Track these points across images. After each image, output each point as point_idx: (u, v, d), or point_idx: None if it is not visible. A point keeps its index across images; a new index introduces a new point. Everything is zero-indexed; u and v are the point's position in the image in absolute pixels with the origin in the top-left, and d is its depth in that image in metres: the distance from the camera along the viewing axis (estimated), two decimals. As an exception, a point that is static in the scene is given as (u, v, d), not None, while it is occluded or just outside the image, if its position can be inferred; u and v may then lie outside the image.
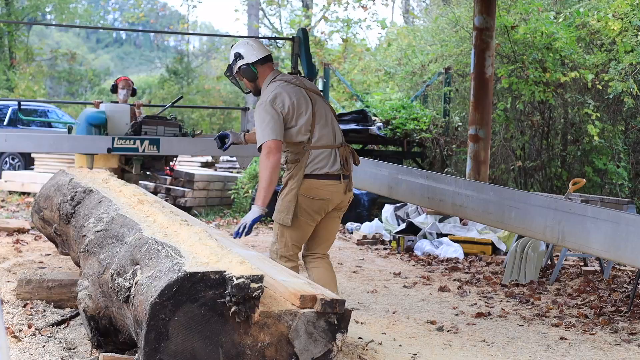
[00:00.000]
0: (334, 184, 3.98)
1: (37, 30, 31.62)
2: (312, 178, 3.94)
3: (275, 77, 4.05)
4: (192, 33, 29.08)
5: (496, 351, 4.16)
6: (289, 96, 3.92)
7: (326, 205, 4.01)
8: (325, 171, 3.96)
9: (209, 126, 20.70)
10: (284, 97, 3.91)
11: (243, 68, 4.06)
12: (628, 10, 8.90)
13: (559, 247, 6.32)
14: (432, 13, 17.01)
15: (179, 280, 2.48)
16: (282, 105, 3.90)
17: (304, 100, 3.97)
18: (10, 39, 21.35)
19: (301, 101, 3.95)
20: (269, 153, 3.82)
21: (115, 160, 6.54)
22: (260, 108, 3.90)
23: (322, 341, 2.75)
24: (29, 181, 10.62)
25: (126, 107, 6.48)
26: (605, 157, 9.49)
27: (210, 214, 9.82)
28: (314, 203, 3.97)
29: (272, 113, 3.85)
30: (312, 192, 3.95)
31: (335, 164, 3.99)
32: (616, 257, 3.72)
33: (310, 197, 3.95)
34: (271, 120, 3.84)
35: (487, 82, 7.94)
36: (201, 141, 6.52)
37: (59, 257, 5.93)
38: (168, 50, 33.76)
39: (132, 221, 3.41)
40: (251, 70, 4.06)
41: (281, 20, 22.12)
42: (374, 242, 7.94)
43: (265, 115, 3.86)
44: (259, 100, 3.96)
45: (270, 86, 4.00)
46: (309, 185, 3.94)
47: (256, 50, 4.08)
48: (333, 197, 4.01)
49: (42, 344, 3.71)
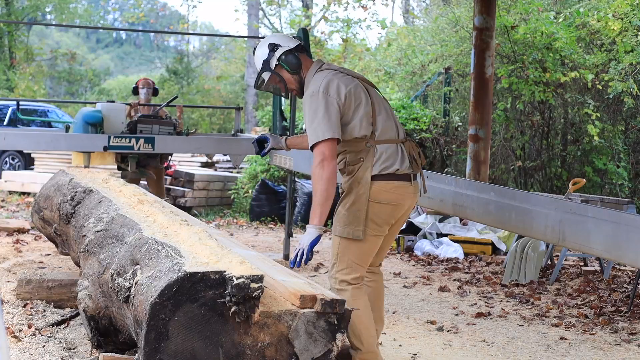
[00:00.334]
0: (404, 185, 3.33)
1: (37, 30, 31.63)
2: (381, 179, 3.28)
3: (321, 67, 3.40)
4: (192, 33, 29.09)
5: (496, 351, 4.16)
6: (344, 83, 3.28)
7: (396, 211, 3.35)
8: (396, 168, 3.30)
9: (209, 126, 20.72)
10: (339, 85, 3.26)
11: (286, 57, 3.39)
12: (628, 10, 8.90)
13: (559, 247, 6.32)
14: (432, 13, 17.02)
15: (179, 280, 2.48)
16: (337, 94, 3.24)
17: (360, 88, 3.33)
18: (10, 39, 21.35)
19: (358, 89, 3.32)
20: (324, 160, 3.16)
21: (111, 158, 6.61)
22: (310, 98, 3.25)
23: (322, 341, 2.75)
24: (29, 181, 10.62)
25: (122, 106, 6.54)
26: (605, 157, 9.50)
27: (210, 214, 9.82)
28: (383, 210, 3.30)
29: (326, 103, 3.21)
30: (382, 197, 3.28)
31: (404, 160, 3.35)
32: (616, 257, 3.72)
33: (379, 203, 3.28)
34: (326, 112, 3.19)
35: (487, 82, 7.94)
36: (196, 139, 6.60)
37: (59, 257, 5.93)
38: (168, 50, 33.76)
39: (132, 221, 3.41)
40: (295, 57, 3.39)
41: (281, 20, 22.13)
42: (374, 242, 7.93)
43: (317, 105, 3.21)
44: (306, 92, 3.32)
45: (318, 75, 3.34)
46: (378, 188, 3.27)
47: (289, 38, 3.49)
48: (404, 201, 3.35)
49: (42, 344, 3.71)
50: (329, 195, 3.15)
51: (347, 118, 3.27)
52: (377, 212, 3.27)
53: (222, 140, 7.07)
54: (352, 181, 3.28)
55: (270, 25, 22.21)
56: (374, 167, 3.26)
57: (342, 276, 3.28)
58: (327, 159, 3.16)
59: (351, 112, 3.27)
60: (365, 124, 3.28)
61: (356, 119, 3.27)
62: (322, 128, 3.17)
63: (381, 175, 3.27)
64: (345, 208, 3.28)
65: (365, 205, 3.24)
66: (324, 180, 3.14)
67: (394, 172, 3.29)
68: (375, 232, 3.31)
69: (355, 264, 3.29)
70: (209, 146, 7.01)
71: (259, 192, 9.43)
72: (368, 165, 3.26)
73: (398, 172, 3.30)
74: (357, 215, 3.25)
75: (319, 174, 3.15)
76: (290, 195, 6.66)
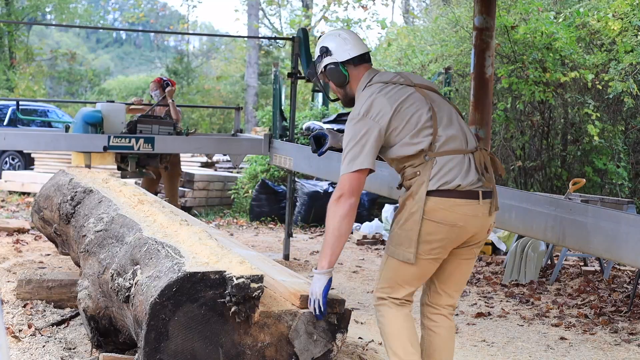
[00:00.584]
0: (469, 204, 2.87)
1: (37, 30, 31.62)
2: (439, 195, 2.85)
3: (370, 80, 3.04)
4: (192, 33, 29.09)
5: (496, 351, 4.16)
6: (390, 101, 2.91)
7: (457, 234, 2.88)
8: (457, 184, 2.86)
9: (209, 126, 20.73)
10: (383, 104, 2.90)
11: (330, 68, 3.07)
12: (628, 10, 8.90)
13: (559, 247, 6.32)
14: (432, 13, 17.01)
15: (179, 280, 2.48)
16: (380, 116, 2.89)
17: (413, 99, 2.96)
18: (10, 39, 21.35)
19: (410, 101, 2.94)
20: (342, 196, 2.82)
21: (111, 158, 6.62)
22: (349, 122, 2.92)
23: (322, 341, 2.75)
24: (29, 181, 10.62)
25: (121, 106, 6.56)
26: (605, 157, 9.49)
27: (210, 214, 9.81)
28: (439, 230, 2.86)
29: (364, 129, 2.86)
30: (438, 215, 2.84)
31: (470, 174, 2.90)
32: (617, 257, 3.71)
33: (435, 222, 2.85)
34: (361, 139, 2.86)
35: (487, 82, 7.93)
36: (196, 139, 6.61)
37: (59, 257, 5.93)
38: (168, 50, 33.75)
39: (132, 221, 3.41)
40: (340, 72, 3.06)
41: (281, 20, 22.14)
42: (374, 242, 7.93)
43: (355, 132, 2.88)
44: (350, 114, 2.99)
45: (364, 93, 2.99)
46: (434, 205, 2.84)
47: (350, 45, 3.08)
48: (468, 223, 2.88)
49: (42, 344, 3.71)
50: (340, 234, 2.82)
51: (396, 139, 2.91)
52: (431, 232, 2.85)
53: (222, 140, 7.08)
54: (406, 197, 2.91)
55: (270, 25, 22.23)
56: (431, 181, 2.86)
57: (380, 293, 2.95)
58: (346, 194, 2.82)
59: (398, 131, 2.90)
60: (422, 137, 2.90)
61: (406, 137, 2.90)
62: (351, 158, 2.84)
63: (440, 191, 2.85)
64: (398, 226, 2.91)
65: (418, 225, 2.84)
66: (338, 218, 2.81)
67: (454, 189, 2.85)
68: (428, 254, 2.88)
69: (399, 285, 2.93)
70: (209, 146, 7.02)
71: (259, 192, 9.43)
72: (423, 180, 2.86)
73: (460, 188, 2.85)
74: (409, 235, 2.86)
75: (334, 210, 2.82)
76: (290, 195, 6.66)
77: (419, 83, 3.06)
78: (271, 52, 22.55)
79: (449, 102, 3.11)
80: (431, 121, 2.92)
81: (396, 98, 2.92)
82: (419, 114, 2.92)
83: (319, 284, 2.80)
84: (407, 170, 2.93)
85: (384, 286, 2.94)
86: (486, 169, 2.95)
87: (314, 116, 10.74)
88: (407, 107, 2.92)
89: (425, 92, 3.03)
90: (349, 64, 3.06)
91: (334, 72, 3.06)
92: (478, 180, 2.90)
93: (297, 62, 6.46)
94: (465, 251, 2.98)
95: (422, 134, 2.90)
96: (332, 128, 9.64)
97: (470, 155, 2.95)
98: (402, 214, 2.90)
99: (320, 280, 2.80)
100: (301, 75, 6.43)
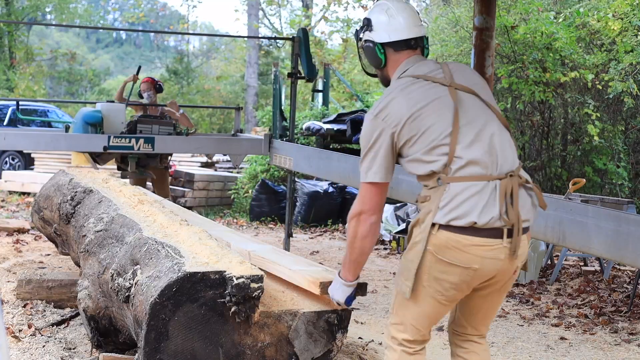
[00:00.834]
0: (488, 244, 2.36)
1: (37, 30, 31.63)
2: (452, 231, 2.35)
3: (405, 71, 2.57)
4: (192, 33, 29.10)
5: (496, 351, 4.15)
6: (409, 103, 2.45)
7: (472, 277, 2.41)
8: (472, 221, 2.34)
9: (209, 126, 20.73)
10: (399, 106, 2.45)
11: (366, 46, 2.64)
12: (628, 10, 8.90)
13: (559, 247, 6.32)
14: (432, 13, 17.01)
15: (179, 280, 2.48)
16: (393, 120, 2.44)
17: (438, 105, 2.46)
18: (10, 39, 21.36)
19: (433, 108, 2.45)
20: (363, 213, 2.46)
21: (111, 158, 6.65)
22: (366, 119, 2.54)
23: (322, 341, 2.75)
24: (29, 181, 10.62)
25: (121, 106, 6.55)
26: (605, 157, 9.50)
27: (210, 214, 9.82)
28: (452, 271, 2.39)
29: (379, 131, 2.45)
30: (449, 254, 2.37)
31: (491, 208, 2.36)
32: (617, 257, 3.71)
33: (444, 261, 2.38)
34: (373, 145, 2.46)
35: (487, 82, 7.93)
36: (196, 139, 6.62)
37: (59, 257, 5.93)
38: (168, 50, 33.77)
39: (132, 221, 3.41)
40: (376, 55, 2.61)
41: (281, 20, 22.16)
42: (374, 242, 7.93)
43: (369, 135, 2.48)
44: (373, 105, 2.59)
45: (390, 86, 2.58)
46: (445, 241, 2.36)
47: (396, 26, 2.59)
48: (485, 265, 2.39)
49: (42, 344, 3.71)
50: (363, 252, 2.51)
51: (408, 151, 2.46)
52: (442, 271, 2.40)
53: (222, 140, 7.08)
54: (414, 222, 2.47)
55: (270, 25, 22.24)
56: (439, 213, 2.36)
57: (394, 332, 2.55)
58: (368, 211, 2.45)
59: (412, 143, 2.44)
60: (435, 155, 2.41)
61: (418, 152, 2.43)
62: (367, 166, 2.47)
63: (451, 227, 2.36)
64: (404, 254, 2.51)
65: (419, 256, 2.40)
66: (359, 239, 2.47)
67: (470, 225, 2.34)
68: (437, 295, 2.44)
69: (412, 325, 2.51)
70: (209, 146, 7.02)
71: (259, 192, 9.43)
72: (432, 208, 2.39)
73: (476, 225, 2.34)
74: (408, 266, 2.44)
75: (354, 228, 2.47)
76: (290, 195, 6.66)
77: (460, 83, 2.53)
78: (271, 52, 22.57)
79: (494, 110, 2.54)
80: (450, 137, 2.40)
81: (417, 100, 2.46)
82: (438, 127, 2.42)
83: (342, 293, 2.61)
84: (422, 190, 2.49)
85: (396, 322, 2.55)
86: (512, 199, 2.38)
87: (314, 116, 10.74)
88: (427, 114, 2.44)
89: (460, 95, 2.49)
90: (389, 47, 2.60)
91: (370, 52, 2.63)
92: (501, 216, 2.36)
93: (297, 62, 6.46)
94: (490, 288, 2.52)
95: (436, 151, 2.41)
96: (332, 128, 9.65)
97: (496, 182, 2.39)
98: (409, 240, 2.50)
99: (345, 291, 2.61)
100: (301, 75, 6.43)
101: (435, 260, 2.39)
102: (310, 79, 6.57)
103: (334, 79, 14.37)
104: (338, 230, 8.86)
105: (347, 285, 2.60)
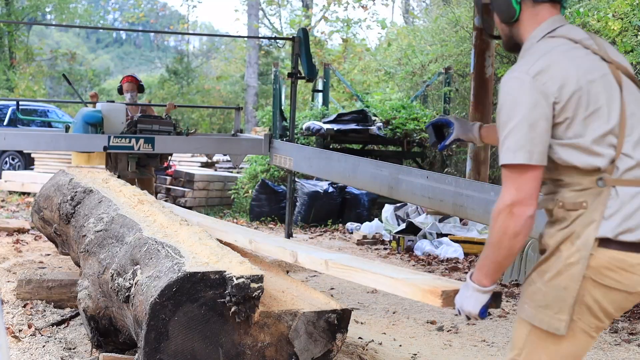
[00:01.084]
0: None
1: (37, 30, 31.65)
2: (616, 248, 1.93)
3: (554, 30, 2.07)
4: (192, 33, 29.12)
5: (496, 351, 4.16)
6: (578, 71, 1.95)
7: (631, 302, 2.01)
8: None
9: (209, 126, 20.74)
10: (566, 71, 1.95)
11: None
12: (628, 10, 8.90)
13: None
14: (432, 13, 17.02)
15: (179, 280, 2.48)
16: (555, 88, 1.93)
17: (607, 84, 1.98)
18: (10, 39, 21.38)
19: (601, 85, 1.97)
20: (515, 205, 1.93)
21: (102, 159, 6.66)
22: (509, 84, 1.98)
23: (322, 341, 2.75)
24: (29, 181, 10.62)
25: (121, 106, 6.56)
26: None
27: (210, 214, 9.81)
28: (611, 297, 1.97)
29: (535, 97, 1.92)
30: (613, 277, 1.94)
31: None
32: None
33: (606, 286, 1.95)
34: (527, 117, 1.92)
35: (487, 82, 7.94)
36: (196, 139, 6.63)
37: (59, 257, 5.93)
38: (168, 50, 33.81)
39: (132, 221, 3.42)
40: (509, 4, 2.11)
41: (281, 20, 22.17)
42: (374, 242, 7.94)
43: (517, 102, 1.94)
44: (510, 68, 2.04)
45: (539, 45, 2.04)
46: (606, 260, 1.94)
47: None
48: None
49: (42, 344, 3.71)
50: (512, 253, 1.98)
51: (566, 131, 1.96)
52: (599, 299, 1.96)
53: (222, 140, 7.08)
54: (562, 237, 1.98)
55: (270, 25, 22.26)
56: (607, 223, 1.93)
57: None
58: (523, 201, 1.93)
59: (576, 122, 1.94)
60: (603, 147, 1.95)
61: (581, 138, 1.95)
62: (517, 143, 1.92)
63: (619, 242, 1.92)
64: (544, 280, 2.00)
65: (578, 283, 1.94)
66: (509, 236, 1.95)
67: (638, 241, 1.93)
68: (590, 326, 2.01)
69: None
70: (209, 146, 7.03)
71: (259, 192, 9.44)
72: (594, 218, 1.93)
73: None
74: (562, 296, 1.96)
75: (504, 223, 1.95)
76: (290, 195, 6.67)
77: (617, 61, 2.04)
78: (271, 52, 22.59)
79: None
80: (620, 126, 1.95)
81: (587, 70, 1.97)
82: (609, 111, 1.96)
83: (476, 303, 2.11)
84: (564, 193, 2.00)
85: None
86: None
87: (314, 116, 10.75)
88: (597, 91, 1.96)
89: (623, 79, 2.02)
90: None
91: (501, 4, 2.14)
92: None
93: (297, 62, 6.46)
94: None
95: (605, 142, 1.95)
96: (332, 128, 9.62)
97: None
98: (550, 261, 1.99)
99: (479, 300, 2.09)
100: (301, 75, 6.44)
101: (594, 285, 1.95)
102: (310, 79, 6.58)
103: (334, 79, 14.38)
104: (338, 230, 8.86)
105: (483, 291, 2.08)
